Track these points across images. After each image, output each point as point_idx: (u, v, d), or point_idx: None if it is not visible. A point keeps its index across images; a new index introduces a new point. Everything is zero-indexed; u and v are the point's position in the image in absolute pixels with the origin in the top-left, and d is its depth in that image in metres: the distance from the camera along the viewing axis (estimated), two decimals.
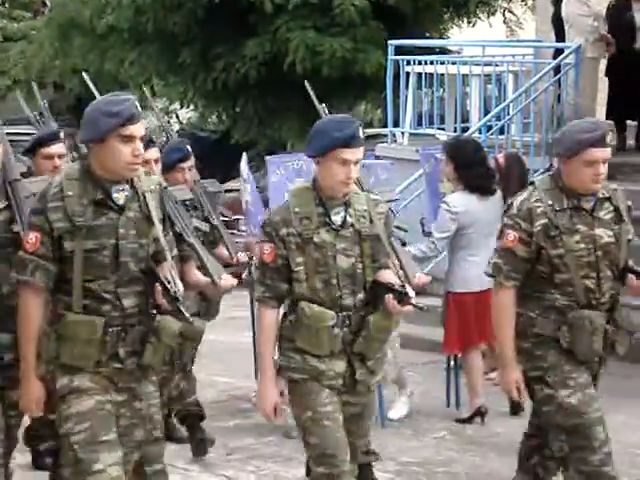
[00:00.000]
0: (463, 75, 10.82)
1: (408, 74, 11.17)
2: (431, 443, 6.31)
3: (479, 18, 16.64)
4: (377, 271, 4.20)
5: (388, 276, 4.21)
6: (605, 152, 4.36)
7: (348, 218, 4.17)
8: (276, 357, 4.24)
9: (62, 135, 5.51)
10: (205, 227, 5.88)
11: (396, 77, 11.10)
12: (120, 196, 3.88)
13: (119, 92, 4.04)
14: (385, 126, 12.23)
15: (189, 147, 6.03)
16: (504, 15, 17.45)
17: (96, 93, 4.81)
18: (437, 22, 16.08)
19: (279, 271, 4.15)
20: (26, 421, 4.87)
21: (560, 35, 10.30)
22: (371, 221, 4.20)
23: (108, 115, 3.82)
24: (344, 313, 4.15)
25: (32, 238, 3.86)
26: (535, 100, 10.00)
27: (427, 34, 15.13)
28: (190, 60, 15.01)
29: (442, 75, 11.00)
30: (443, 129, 11.06)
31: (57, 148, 5.38)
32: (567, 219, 4.30)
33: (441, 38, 16.12)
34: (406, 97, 11.09)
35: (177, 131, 22.23)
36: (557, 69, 9.95)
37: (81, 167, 3.92)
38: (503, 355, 4.41)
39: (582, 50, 9.78)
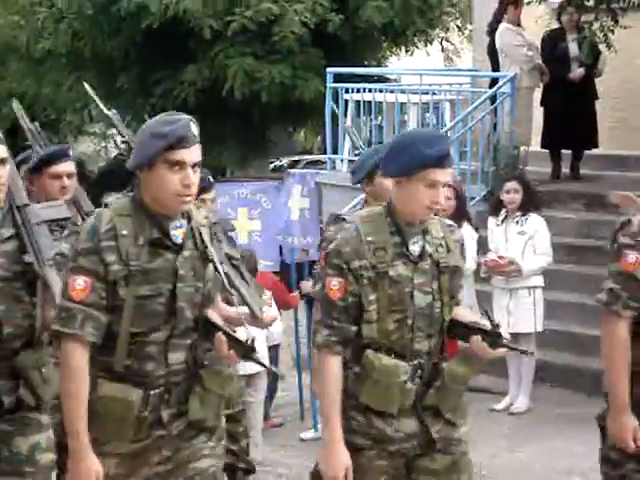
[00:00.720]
0: (401, 103, 10.91)
1: (347, 102, 11.23)
2: None
3: (417, 47, 16.80)
4: (453, 309, 3.62)
5: (470, 315, 3.67)
6: None
7: (427, 247, 3.56)
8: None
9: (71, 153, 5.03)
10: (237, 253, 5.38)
11: (335, 103, 11.15)
12: (178, 233, 3.34)
13: (174, 112, 3.41)
14: (325, 153, 12.26)
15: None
16: (441, 44, 17.63)
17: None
18: (375, 50, 16.20)
19: (348, 310, 3.48)
20: None
21: (496, 65, 10.44)
22: (448, 250, 3.60)
23: (156, 137, 3.29)
24: (415, 361, 3.53)
25: (81, 283, 3.26)
26: (472, 129, 10.10)
27: (365, 62, 15.22)
28: (128, 85, 14.94)
29: (380, 103, 11.08)
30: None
31: (66, 166, 4.85)
32: None
33: (379, 66, 16.23)
34: (345, 124, 11.15)
35: (115, 156, 22.13)
36: (493, 98, 10.07)
37: (132, 201, 3.36)
38: (617, 399, 3.68)
39: (517, 79, 9.92)
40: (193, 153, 3.31)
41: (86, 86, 4.75)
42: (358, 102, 11.15)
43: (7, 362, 3.59)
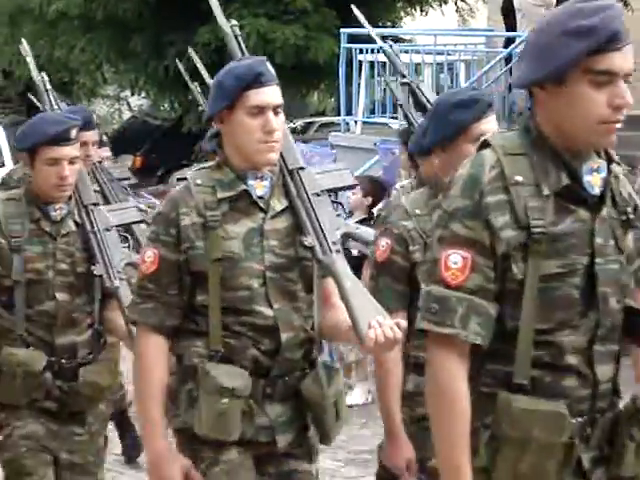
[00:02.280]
0: (415, 64, 10.85)
1: (361, 62, 11.17)
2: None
3: (431, 7, 16.68)
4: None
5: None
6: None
7: None
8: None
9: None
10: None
11: (349, 65, 11.09)
12: (595, 180, 2.21)
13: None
14: (338, 114, 12.22)
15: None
16: (456, 4, 17.50)
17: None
18: (390, 11, 16.09)
19: None
20: None
21: (510, 25, 10.35)
22: None
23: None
24: None
25: (458, 261, 2.17)
26: (487, 89, 10.05)
27: (380, 22, 15.13)
28: (141, 47, 14.89)
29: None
30: (396, 118, 11.09)
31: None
32: None
33: (393, 27, 16.13)
34: (359, 85, 11.09)
35: (128, 119, 22.10)
36: (508, 58, 10.00)
37: (524, 133, 2.23)
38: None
39: None
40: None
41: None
42: (372, 63, 11.09)
43: (285, 379, 2.87)
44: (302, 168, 2.88)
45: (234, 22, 3.14)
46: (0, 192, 3.81)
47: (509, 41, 10.19)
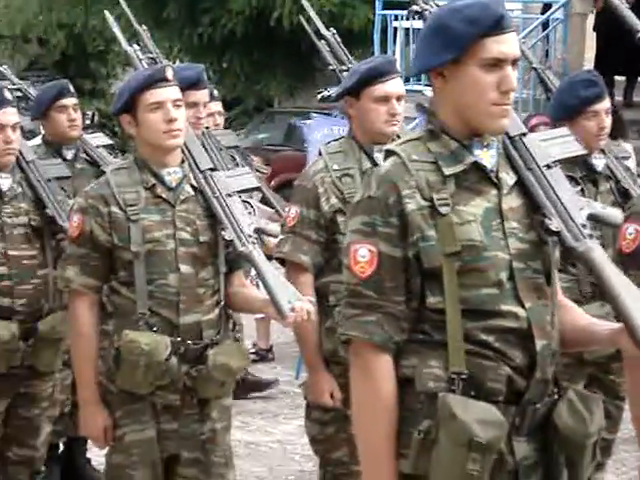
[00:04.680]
0: None
1: (396, 29, 11.10)
2: None
3: None
4: None
5: None
6: None
7: None
8: None
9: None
10: None
11: (384, 32, 11.03)
12: None
13: None
14: None
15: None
16: None
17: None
18: None
19: None
20: None
21: None
22: None
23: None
24: None
25: None
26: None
27: None
28: (176, 15, 14.89)
29: None
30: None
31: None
32: None
33: None
34: (393, 53, 11.02)
35: None
36: (545, 24, 9.90)
37: None
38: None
39: (570, 5, 9.74)
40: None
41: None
42: (407, 30, 11.02)
43: (536, 407, 2.31)
44: (524, 134, 2.38)
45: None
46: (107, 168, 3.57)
47: (546, 7, 10.09)
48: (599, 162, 3.92)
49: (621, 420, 2.64)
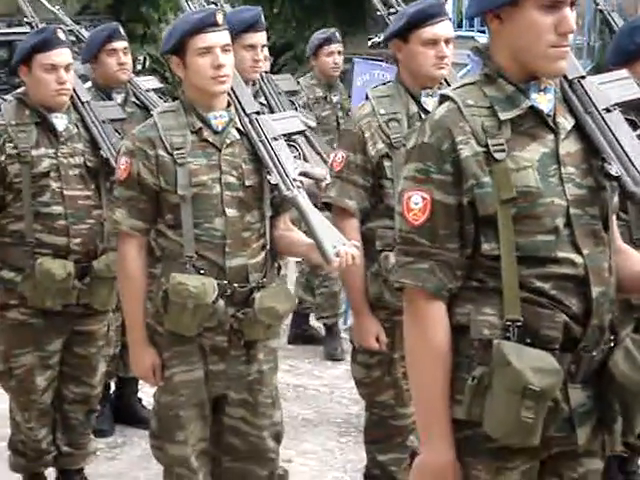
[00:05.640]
0: None
1: None
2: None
3: None
4: None
5: None
6: None
7: None
8: None
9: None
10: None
11: None
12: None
13: None
14: None
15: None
16: None
17: None
18: None
19: None
20: None
21: None
22: None
23: None
24: None
25: None
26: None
27: None
28: None
29: None
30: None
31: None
32: None
33: None
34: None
35: None
36: None
37: None
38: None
39: None
40: None
41: None
42: None
43: (593, 355, 2.30)
44: (583, 77, 2.32)
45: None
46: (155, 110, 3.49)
47: None
48: None
49: None
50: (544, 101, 2.25)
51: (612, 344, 2.27)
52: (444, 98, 2.28)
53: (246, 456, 3.37)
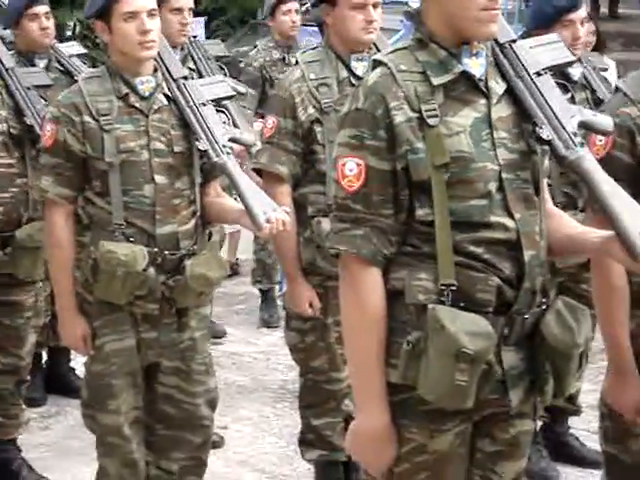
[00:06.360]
0: None
1: None
2: None
3: None
4: None
5: None
6: None
7: None
8: None
9: None
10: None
11: None
12: None
13: None
14: None
15: None
16: None
17: None
18: None
19: None
20: None
21: None
22: None
23: None
24: None
25: None
26: None
27: None
28: None
29: None
30: None
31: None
32: None
33: None
34: None
35: None
36: None
37: None
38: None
39: None
40: None
41: None
42: None
43: (525, 318, 2.30)
44: (514, 41, 2.31)
45: None
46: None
47: None
48: (575, 71, 3.91)
49: (596, 329, 2.67)
50: (476, 65, 2.24)
51: (544, 307, 2.28)
52: (377, 63, 2.26)
53: (180, 424, 3.36)
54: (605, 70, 4.25)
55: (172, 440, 3.38)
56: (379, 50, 3.45)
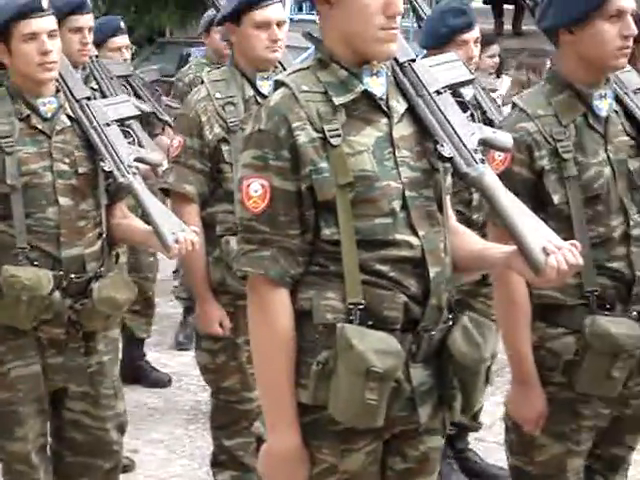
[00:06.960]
0: None
1: None
2: None
3: None
4: None
5: None
6: None
7: None
8: None
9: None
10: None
11: None
12: None
13: None
14: None
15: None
16: None
17: None
18: None
19: None
20: None
21: None
22: None
23: None
24: None
25: None
26: None
27: None
28: None
29: None
30: None
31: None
32: None
33: None
34: None
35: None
36: None
37: None
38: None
39: None
40: None
41: None
42: None
43: (432, 334, 2.33)
44: (413, 60, 2.34)
45: None
46: None
47: None
48: (467, 92, 3.97)
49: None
50: (377, 85, 2.26)
51: (450, 323, 2.31)
52: (279, 84, 2.26)
53: (89, 449, 3.31)
54: (494, 91, 4.33)
55: (81, 466, 3.32)
56: (285, 69, 3.47)
